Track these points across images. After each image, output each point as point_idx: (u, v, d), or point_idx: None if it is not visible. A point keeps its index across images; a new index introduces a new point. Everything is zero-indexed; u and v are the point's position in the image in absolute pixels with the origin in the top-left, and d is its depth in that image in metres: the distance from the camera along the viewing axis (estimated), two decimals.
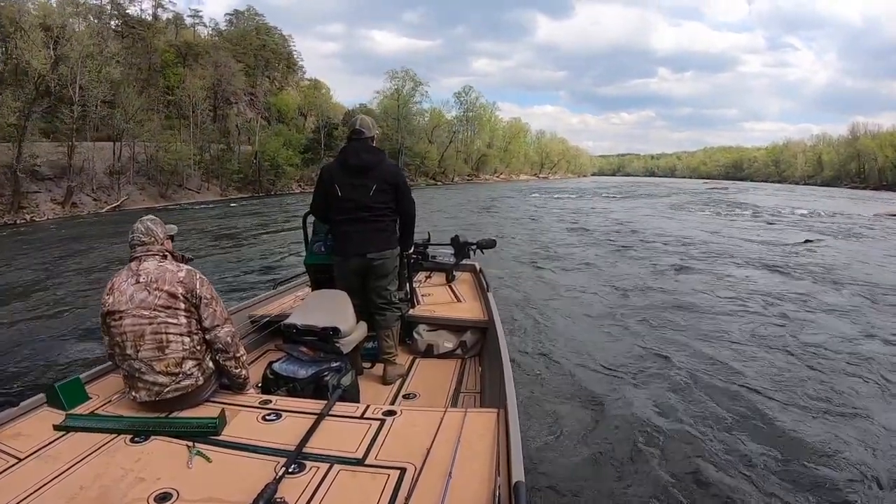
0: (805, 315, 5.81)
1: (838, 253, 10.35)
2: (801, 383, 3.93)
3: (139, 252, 1.89)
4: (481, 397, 2.45)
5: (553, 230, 14.67)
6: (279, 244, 12.05)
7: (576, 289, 7.15)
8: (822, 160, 66.23)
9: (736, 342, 4.88)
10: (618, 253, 10.32)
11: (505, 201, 27.03)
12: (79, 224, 17.59)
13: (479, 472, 1.41)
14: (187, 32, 43.85)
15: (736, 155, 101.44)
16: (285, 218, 18.29)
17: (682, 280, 7.72)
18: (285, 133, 39.31)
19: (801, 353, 4.56)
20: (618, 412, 3.50)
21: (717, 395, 3.73)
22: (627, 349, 4.70)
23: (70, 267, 9.31)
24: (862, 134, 59.80)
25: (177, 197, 27.84)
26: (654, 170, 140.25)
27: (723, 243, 11.52)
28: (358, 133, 2.70)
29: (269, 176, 35.45)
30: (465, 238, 4.30)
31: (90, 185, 23.69)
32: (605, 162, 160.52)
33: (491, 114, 68.39)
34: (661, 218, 18.07)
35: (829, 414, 3.47)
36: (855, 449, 3.01)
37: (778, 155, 79.97)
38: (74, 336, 5.17)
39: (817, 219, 18.21)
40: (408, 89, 54.53)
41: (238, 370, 1.96)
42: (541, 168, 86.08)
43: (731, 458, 2.93)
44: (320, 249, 3.08)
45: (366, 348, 2.76)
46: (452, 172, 57.47)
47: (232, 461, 1.51)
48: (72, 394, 1.86)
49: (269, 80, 47.44)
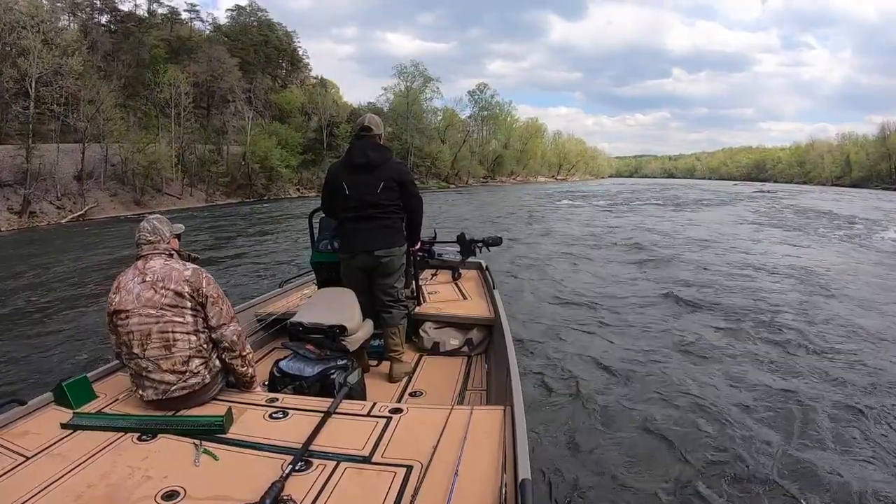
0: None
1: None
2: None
3: (145, 251, 1.90)
4: (487, 395, 2.44)
5: (642, 279, 7.98)
6: (246, 271, 8.92)
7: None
8: (850, 160, 64.23)
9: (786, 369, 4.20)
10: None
11: (535, 212, 20.87)
12: (26, 239, 15.04)
13: (485, 470, 1.41)
14: (184, 28, 42.14)
15: (758, 155, 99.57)
16: (263, 230, 15.30)
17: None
18: (282, 132, 36.09)
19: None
20: (624, 410, 3.48)
21: (731, 399, 3.68)
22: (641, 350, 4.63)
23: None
24: (893, 132, 57.83)
25: (153, 204, 24.63)
26: (672, 171, 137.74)
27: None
28: (365, 130, 2.70)
29: (262, 179, 32.45)
30: (472, 236, 4.31)
31: (55, 191, 20.97)
32: (622, 163, 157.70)
33: (507, 113, 64.87)
34: (776, 244, 12.01)
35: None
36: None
37: (802, 155, 78.16)
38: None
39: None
40: (418, 85, 51.33)
41: (244, 368, 1.96)
42: (558, 170, 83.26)
43: (741, 460, 2.89)
44: (326, 247, 3.08)
45: (372, 346, 2.76)
46: (467, 174, 54.72)
47: (239, 459, 1.52)
48: (79, 392, 1.87)
49: (272, 77, 45.61)
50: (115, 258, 10.48)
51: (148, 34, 37.33)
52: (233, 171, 31.46)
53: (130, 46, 34.03)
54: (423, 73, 51.90)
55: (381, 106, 48.95)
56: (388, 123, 44.89)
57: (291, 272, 6.57)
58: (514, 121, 67.40)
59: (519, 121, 69.20)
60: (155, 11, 41.69)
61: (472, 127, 60.61)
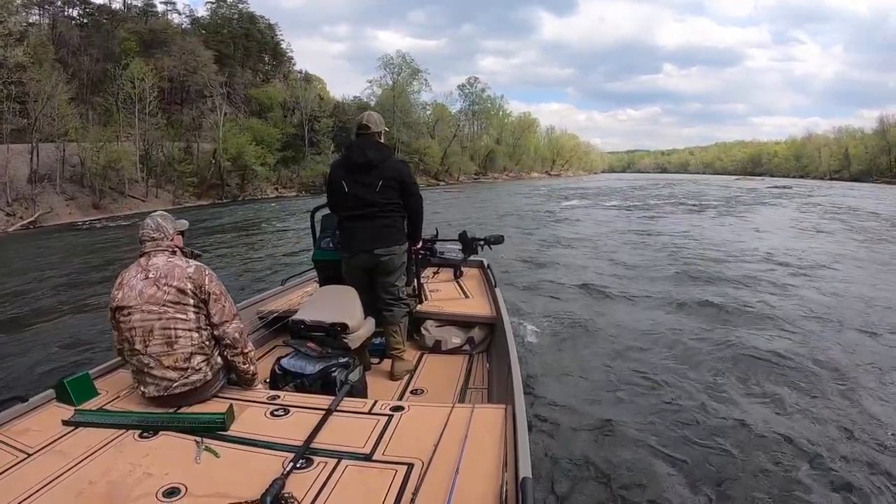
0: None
1: None
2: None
3: (148, 247, 1.90)
4: (489, 393, 2.45)
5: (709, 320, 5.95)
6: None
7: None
8: (848, 154, 63.31)
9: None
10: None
11: (540, 217, 17.23)
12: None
13: (486, 468, 1.41)
14: (160, 22, 39.88)
15: (753, 150, 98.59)
16: (222, 241, 12.99)
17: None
18: (257, 127, 33.83)
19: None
20: (626, 410, 3.47)
21: (731, 403, 3.64)
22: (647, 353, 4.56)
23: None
24: (892, 125, 56.90)
25: (115, 207, 22.69)
26: (665, 166, 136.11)
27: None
28: (364, 128, 2.70)
29: (235, 179, 30.14)
30: (473, 234, 4.30)
31: (6, 196, 19.63)
32: (615, 158, 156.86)
33: (499, 107, 62.56)
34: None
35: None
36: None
37: (799, 149, 77.50)
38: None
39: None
40: (404, 77, 48.11)
41: (246, 366, 1.96)
42: (552, 165, 79.95)
43: (744, 464, 2.87)
44: (328, 245, 3.09)
45: (373, 344, 2.76)
46: (458, 171, 51.35)
47: (240, 456, 1.52)
48: (80, 389, 1.87)
49: (253, 72, 43.65)
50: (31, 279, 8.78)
51: (119, 27, 35.51)
52: (203, 171, 29.05)
53: (100, 40, 32.45)
54: (410, 65, 49.04)
55: (368, 100, 46.74)
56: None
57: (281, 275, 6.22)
58: (507, 115, 65.57)
59: (511, 115, 67.52)
60: (130, 4, 40.04)
61: (463, 122, 57.70)
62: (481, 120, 60.24)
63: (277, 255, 10.61)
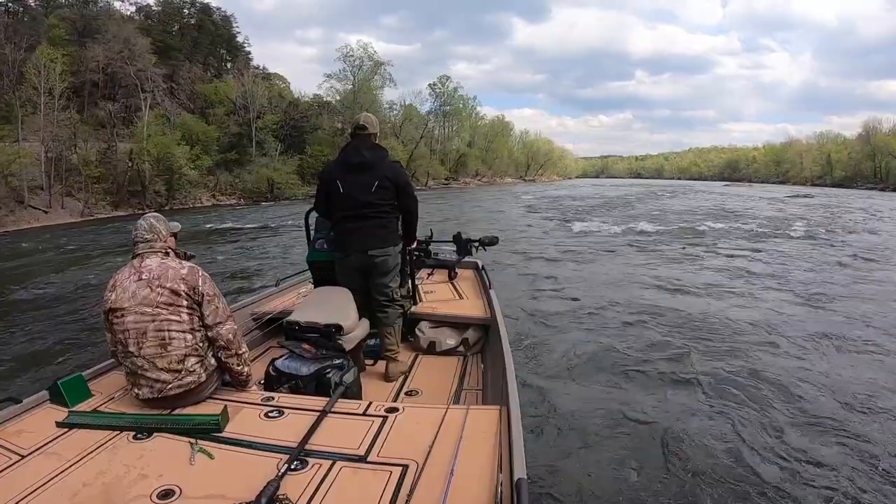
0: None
1: None
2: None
3: (142, 249, 1.89)
4: (483, 394, 2.45)
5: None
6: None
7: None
8: (831, 160, 63.08)
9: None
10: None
11: (530, 238, 13.00)
12: None
13: (481, 469, 1.41)
14: (102, 11, 35.52)
15: (731, 155, 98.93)
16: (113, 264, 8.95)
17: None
18: (191, 124, 29.72)
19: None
20: (620, 410, 3.50)
21: (725, 398, 3.71)
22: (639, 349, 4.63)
23: None
24: (877, 131, 56.83)
25: (9, 221, 18.98)
26: (639, 171, 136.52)
27: None
28: (361, 128, 2.70)
29: (159, 185, 25.98)
30: (468, 235, 4.31)
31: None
32: (588, 164, 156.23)
33: (472, 108, 59.01)
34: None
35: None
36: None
37: (779, 154, 77.35)
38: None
39: None
40: (366, 70, 43.59)
41: (240, 367, 1.96)
42: (527, 170, 77.27)
43: (737, 461, 2.92)
44: (322, 246, 3.07)
45: (368, 345, 2.75)
46: (426, 175, 46.98)
47: (234, 458, 1.51)
48: (74, 391, 1.86)
49: (203, 66, 39.61)
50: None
51: (50, 14, 31.70)
52: (119, 175, 24.50)
53: (26, 28, 28.51)
54: (372, 57, 44.17)
55: (326, 96, 43.07)
56: (336, 117, 39.79)
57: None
58: (479, 118, 62.59)
59: (485, 118, 64.70)
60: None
61: (433, 123, 52.86)
62: (452, 121, 56.84)
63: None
